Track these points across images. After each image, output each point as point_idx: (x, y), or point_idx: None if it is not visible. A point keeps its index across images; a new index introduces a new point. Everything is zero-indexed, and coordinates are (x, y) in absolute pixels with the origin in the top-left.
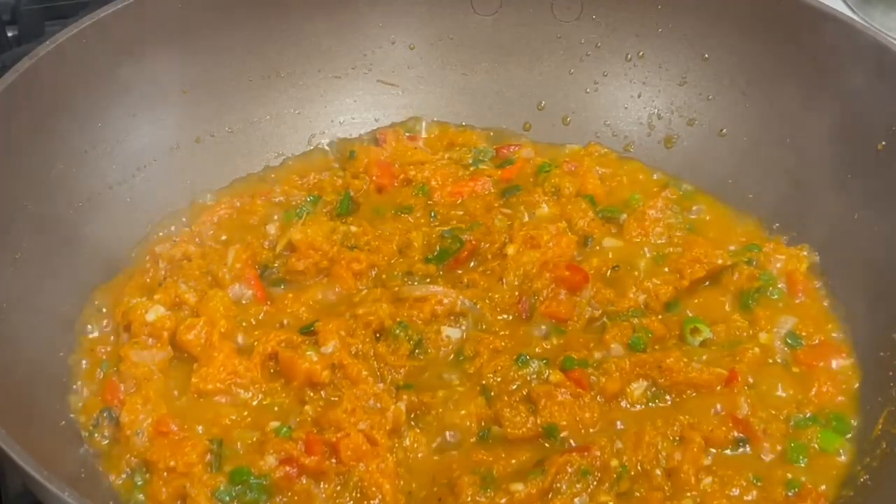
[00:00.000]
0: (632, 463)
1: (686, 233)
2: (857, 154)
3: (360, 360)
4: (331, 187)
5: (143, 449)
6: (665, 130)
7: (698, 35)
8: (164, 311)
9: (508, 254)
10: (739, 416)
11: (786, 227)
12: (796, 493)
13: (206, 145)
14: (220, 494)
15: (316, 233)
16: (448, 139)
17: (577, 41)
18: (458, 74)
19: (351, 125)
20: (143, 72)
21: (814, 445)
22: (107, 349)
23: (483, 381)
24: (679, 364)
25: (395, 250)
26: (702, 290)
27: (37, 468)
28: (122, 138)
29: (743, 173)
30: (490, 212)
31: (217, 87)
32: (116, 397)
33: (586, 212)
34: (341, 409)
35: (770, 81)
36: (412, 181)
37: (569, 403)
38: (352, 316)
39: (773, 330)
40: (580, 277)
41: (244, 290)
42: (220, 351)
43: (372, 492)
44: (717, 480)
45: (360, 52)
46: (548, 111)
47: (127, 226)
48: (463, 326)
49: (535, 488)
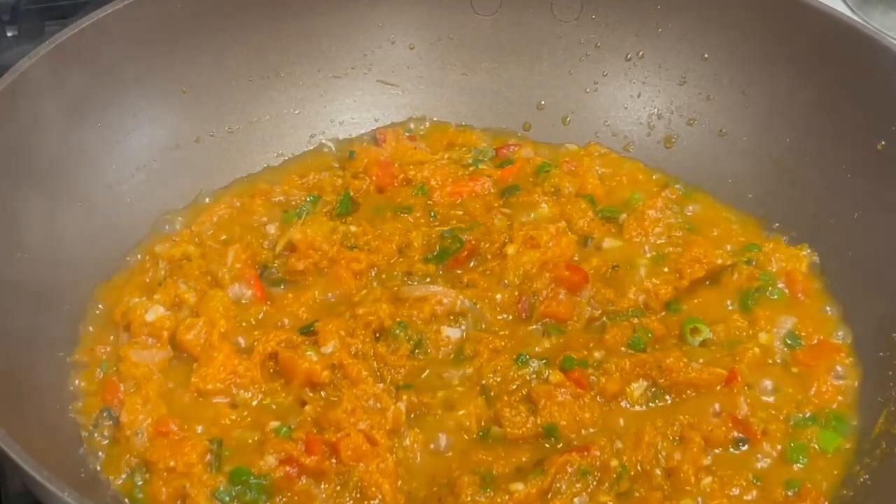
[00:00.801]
0: (631, 463)
1: (686, 232)
2: (856, 154)
3: (359, 360)
4: (330, 187)
5: (142, 449)
6: (665, 130)
7: (698, 35)
8: (164, 311)
9: (508, 254)
10: (739, 415)
11: (785, 226)
12: (796, 492)
13: (206, 145)
14: (219, 494)
15: (316, 233)
16: (448, 139)
17: (577, 41)
18: (458, 74)
19: (351, 125)
20: (142, 72)
21: (813, 445)
22: (106, 349)
23: (483, 380)
24: (679, 364)
25: (395, 250)
26: (701, 290)
27: (36, 468)
28: (121, 138)
29: (742, 173)
30: (490, 212)
31: (217, 87)
32: (116, 397)
33: (586, 212)
34: (341, 409)
35: (770, 81)
36: (412, 181)
37: (568, 403)
38: (352, 316)
39: (772, 330)
40: (580, 277)
41: (244, 290)
42: (220, 351)
43: (372, 492)
44: (717, 480)
45: (360, 52)
46: (547, 111)
47: (126, 225)
48: (463, 326)
49: (534, 488)
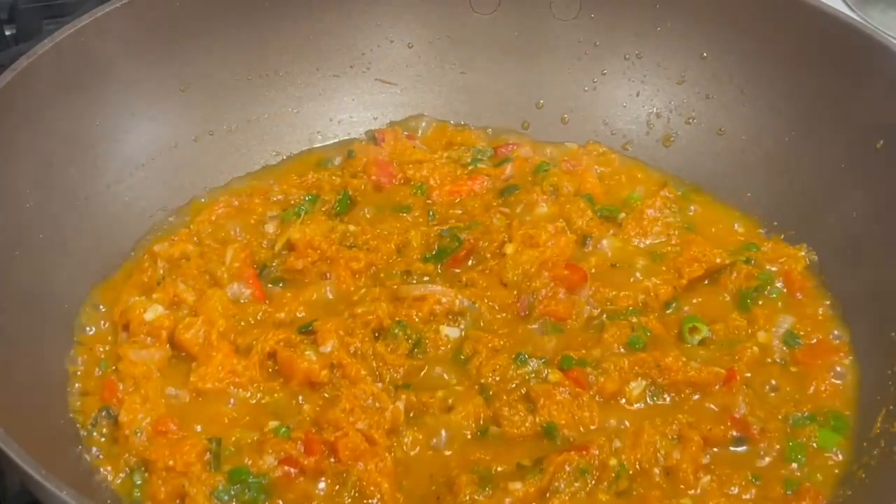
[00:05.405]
0: (630, 462)
1: (684, 231)
2: (855, 153)
3: (358, 359)
4: (329, 186)
5: (141, 448)
6: (664, 129)
7: (697, 34)
8: (163, 310)
9: (507, 253)
10: (738, 415)
11: (784, 225)
12: (795, 491)
13: (205, 144)
14: (218, 494)
15: (314, 232)
16: (446, 138)
17: (576, 40)
18: (457, 73)
19: (349, 124)
20: (141, 70)
21: (812, 444)
22: (105, 348)
23: (482, 380)
24: (678, 363)
25: (394, 249)
26: (700, 289)
27: (35, 467)
28: (120, 137)
29: (741, 172)
30: (488, 211)
31: (215, 85)
32: (115, 396)
33: (585, 211)
34: (340, 408)
35: (768, 80)
36: (411, 180)
37: (567, 402)
38: (350, 315)
39: (771, 329)
40: (579, 276)
41: (243, 289)
42: (219, 350)
43: (370, 491)
44: (716, 479)
45: (359, 51)
46: (546, 110)
47: (125, 225)
48: (461, 325)
49: (533, 487)
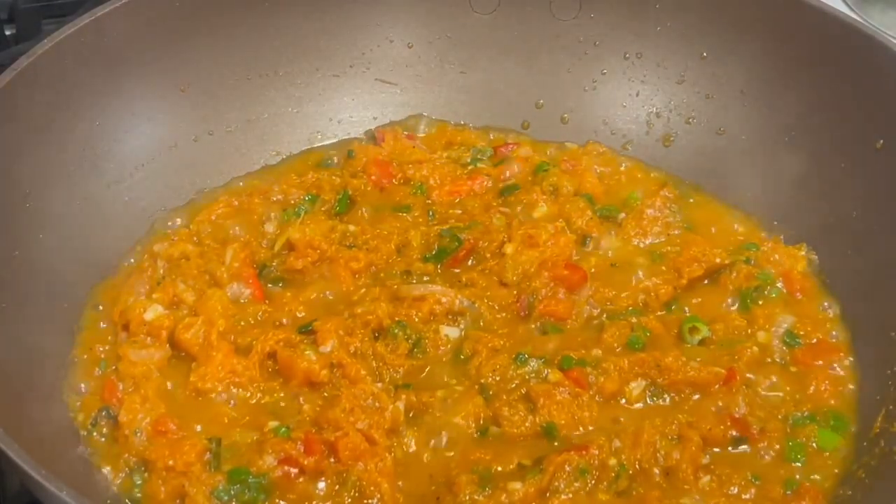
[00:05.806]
0: (630, 462)
1: (684, 231)
2: (855, 152)
3: (358, 359)
4: (329, 186)
5: (141, 448)
6: (663, 129)
7: (697, 33)
8: (163, 310)
9: (507, 253)
10: (738, 414)
11: (784, 225)
12: (794, 491)
13: (205, 144)
14: (218, 493)
15: (314, 232)
16: (446, 138)
17: (576, 39)
18: (457, 73)
19: (349, 124)
20: (140, 70)
21: (812, 444)
22: (105, 348)
23: (482, 380)
24: (677, 363)
25: (394, 249)
26: (700, 289)
27: (35, 467)
28: (120, 137)
29: (741, 172)
30: (488, 211)
31: (215, 85)
32: (115, 396)
33: (584, 210)
34: (340, 408)
35: (768, 80)
36: (410, 180)
37: (567, 402)
38: (350, 315)
39: (771, 329)
40: (578, 276)
41: (242, 289)
42: (219, 350)
43: (370, 491)
44: (716, 479)
45: (359, 51)
46: (546, 110)
47: (125, 224)
48: (461, 325)
49: (533, 487)
